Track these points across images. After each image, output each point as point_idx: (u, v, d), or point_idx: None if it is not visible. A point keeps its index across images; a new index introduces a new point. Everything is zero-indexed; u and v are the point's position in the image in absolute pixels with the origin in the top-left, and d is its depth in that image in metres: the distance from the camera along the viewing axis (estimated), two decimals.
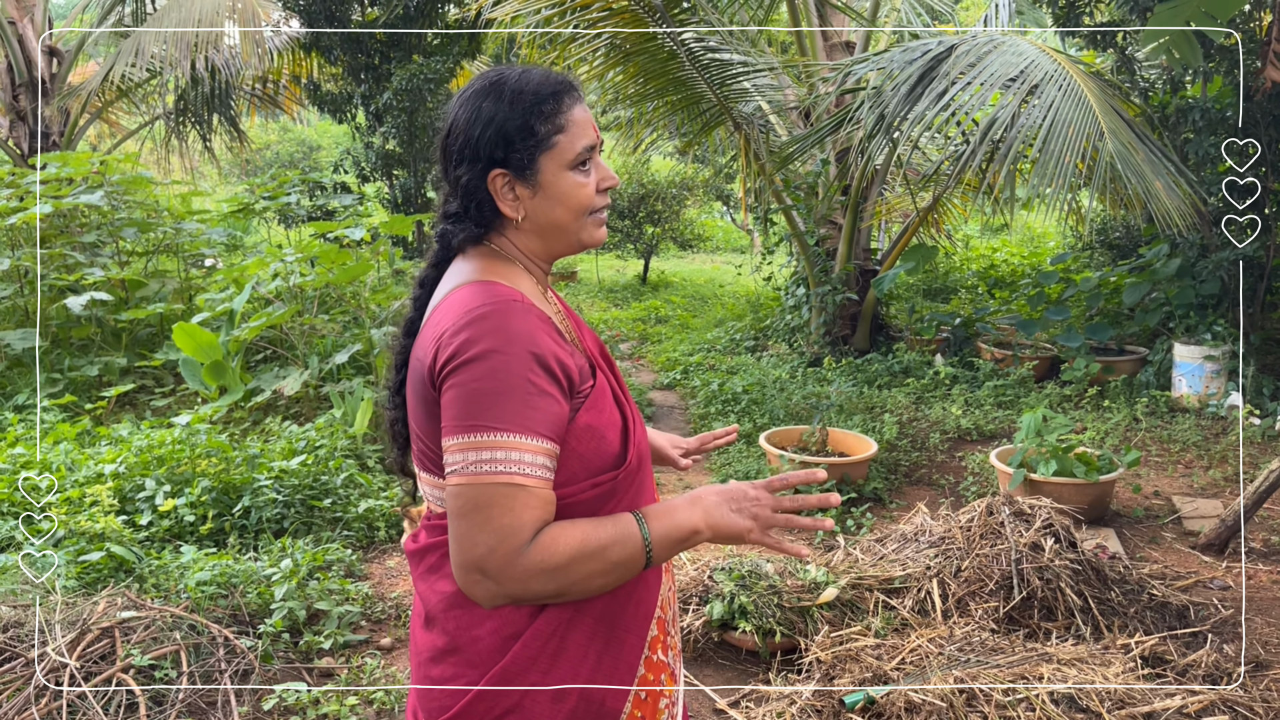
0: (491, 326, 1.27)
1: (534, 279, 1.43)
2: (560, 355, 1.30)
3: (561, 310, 1.47)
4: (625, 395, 1.48)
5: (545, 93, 1.37)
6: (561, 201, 1.38)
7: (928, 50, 5.08)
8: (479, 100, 1.39)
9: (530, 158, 1.36)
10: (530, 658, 1.33)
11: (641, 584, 1.42)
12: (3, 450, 4.96)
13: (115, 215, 7.97)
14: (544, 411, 1.26)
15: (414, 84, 9.88)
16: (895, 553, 3.72)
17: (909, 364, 7.10)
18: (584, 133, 1.38)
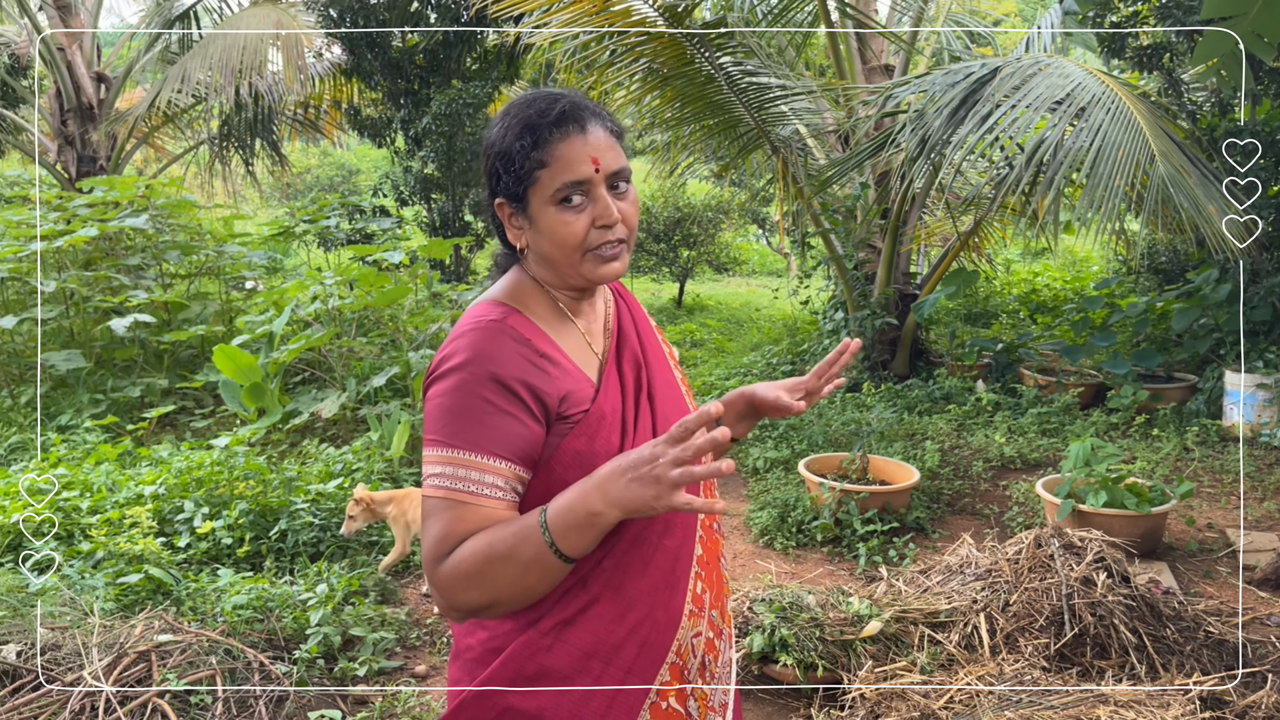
0: (464, 345, 1.31)
1: (551, 302, 1.42)
2: (530, 379, 1.30)
3: (585, 338, 1.44)
4: (652, 427, 1.42)
5: (529, 125, 1.34)
6: (548, 237, 1.35)
7: (971, 73, 5.01)
8: (493, 125, 1.40)
9: (519, 190, 1.35)
10: (509, 676, 1.34)
11: (649, 623, 1.37)
12: (45, 470, 5.01)
13: (159, 238, 8.10)
14: (499, 431, 1.27)
15: (453, 109, 9.97)
16: (940, 585, 3.62)
17: (950, 390, 6.98)
18: (568, 168, 1.32)
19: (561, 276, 1.41)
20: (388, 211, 11.30)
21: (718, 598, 1.49)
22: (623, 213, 1.36)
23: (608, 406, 1.37)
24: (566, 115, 1.34)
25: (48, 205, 8.48)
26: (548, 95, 1.37)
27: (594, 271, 1.37)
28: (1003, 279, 11.62)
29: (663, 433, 1.37)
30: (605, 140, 1.36)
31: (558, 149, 1.33)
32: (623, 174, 1.37)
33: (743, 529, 4.94)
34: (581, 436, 1.33)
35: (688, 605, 1.42)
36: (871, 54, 7.66)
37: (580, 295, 1.45)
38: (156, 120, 11.39)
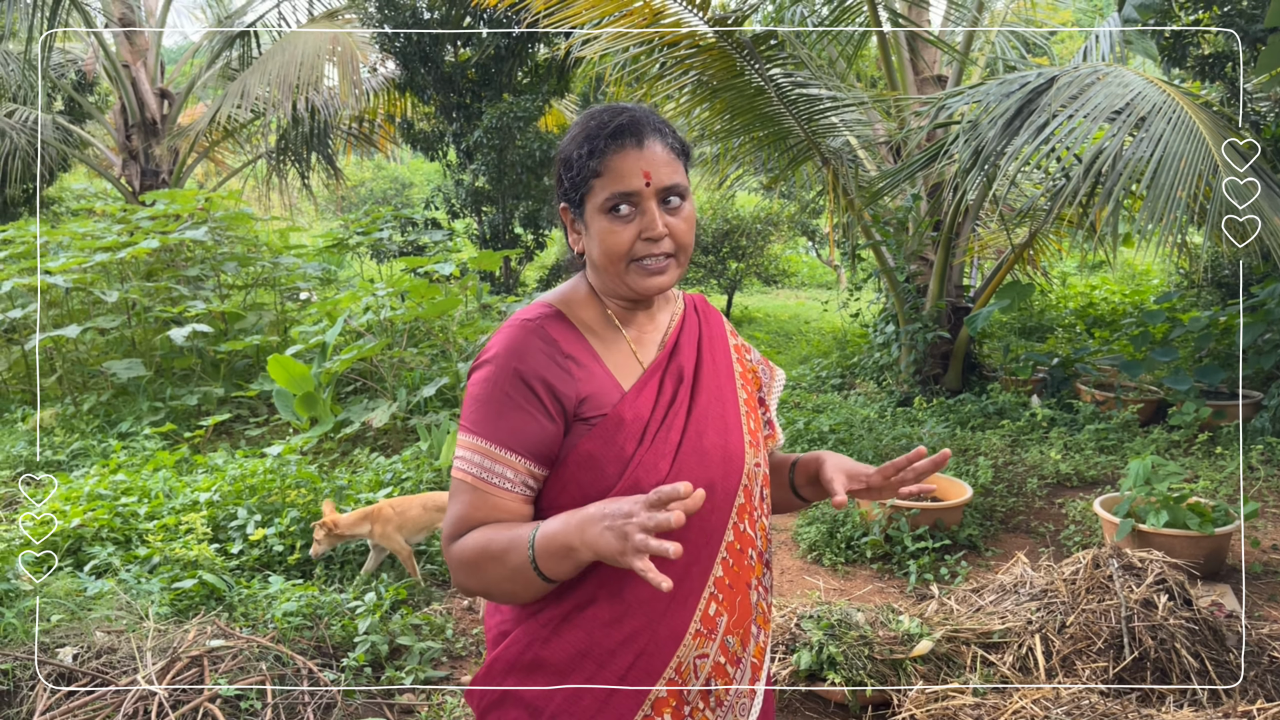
0: (497, 341, 1.40)
1: (601, 309, 1.46)
2: (549, 377, 1.35)
3: (631, 347, 1.46)
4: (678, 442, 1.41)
5: (589, 135, 1.39)
6: (598, 244, 1.39)
7: (1026, 82, 4.93)
8: (567, 133, 1.45)
9: (577, 197, 1.41)
10: (509, 661, 1.41)
11: (647, 633, 1.38)
12: (105, 477, 5.13)
13: (218, 250, 8.27)
14: (514, 425, 1.33)
15: (503, 122, 10.06)
16: (993, 605, 3.54)
17: (1004, 405, 6.85)
18: (619, 180, 1.36)
19: (609, 284, 1.44)
20: (439, 224, 11.43)
21: (739, 625, 1.46)
22: (672, 228, 1.38)
23: (629, 414, 1.39)
24: (624, 128, 1.38)
25: (112, 218, 8.72)
26: (614, 108, 1.41)
27: (638, 283, 1.40)
28: (1059, 292, 11.40)
29: (688, 448, 1.41)
30: (663, 156, 1.38)
31: (612, 160, 1.37)
32: (676, 189, 1.39)
33: (790, 544, 4.88)
34: (596, 439, 1.36)
35: (695, 624, 1.40)
36: (924, 65, 7.58)
37: (633, 305, 1.47)
38: (217, 135, 11.67)
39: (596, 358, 1.42)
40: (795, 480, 1.63)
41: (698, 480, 1.40)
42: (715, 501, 1.43)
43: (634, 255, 1.38)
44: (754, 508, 1.50)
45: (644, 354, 1.47)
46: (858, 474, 1.52)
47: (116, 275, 7.92)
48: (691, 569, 1.41)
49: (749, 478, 1.48)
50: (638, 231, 1.37)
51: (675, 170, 1.39)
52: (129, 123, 10.67)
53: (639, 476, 1.36)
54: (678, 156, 1.41)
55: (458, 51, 10.91)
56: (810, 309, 13.82)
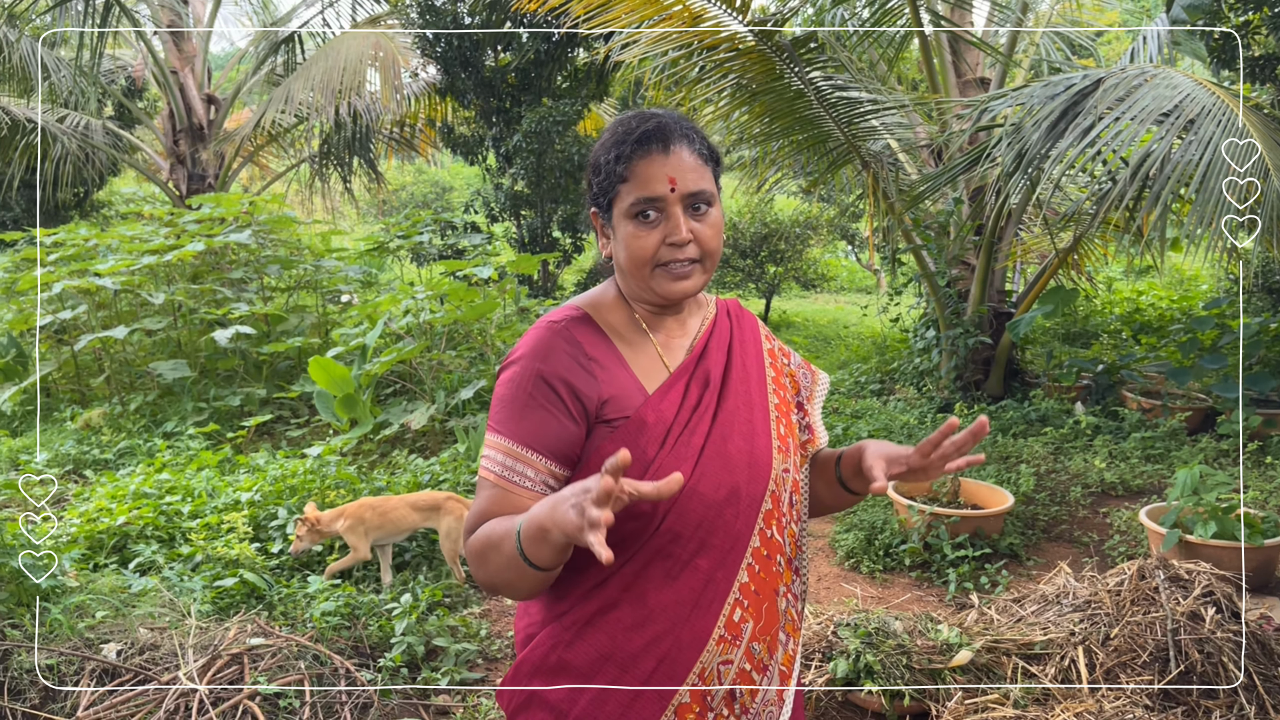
0: (523, 342, 1.42)
1: (629, 313, 1.47)
2: (571, 378, 1.36)
3: (658, 351, 1.46)
4: (700, 446, 1.40)
5: (617, 140, 1.40)
6: (624, 249, 1.41)
7: (1072, 84, 4.85)
8: (598, 140, 1.47)
9: (606, 202, 1.42)
10: (534, 663, 1.42)
11: (670, 638, 1.38)
12: (150, 475, 5.21)
13: (261, 253, 8.39)
14: (535, 424, 1.35)
15: (542, 126, 10.10)
16: (1035, 615, 3.48)
17: (1046, 412, 6.75)
18: (644, 185, 1.37)
19: (635, 289, 1.46)
20: (478, 228, 11.50)
21: (766, 632, 1.45)
22: (697, 233, 1.39)
23: (651, 417, 1.39)
24: (650, 134, 1.39)
25: (159, 221, 8.88)
26: (643, 114, 1.43)
27: (663, 287, 1.41)
28: (1104, 297, 11.21)
29: (711, 452, 1.41)
30: (689, 162, 1.39)
31: (638, 165, 1.38)
32: (703, 196, 1.40)
33: (828, 551, 4.84)
34: (617, 442, 1.37)
35: (719, 630, 1.40)
36: (966, 67, 7.49)
37: (661, 310, 1.48)
38: (261, 139, 11.85)
39: (621, 361, 1.43)
40: (842, 474, 1.60)
41: (721, 485, 1.40)
42: (740, 507, 1.42)
43: (659, 260, 1.39)
44: (782, 514, 1.49)
45: (671, 359, 1.47)
46: (897, 457, 1.47)
47: (163, 277, 8.06)
48: (715, 574, 1.40)
49: (777, 483, 1.47)
50: (663, 236, 1.38)
51: (702, 176, 1.40)
52: (176, 128, 10.86)
53: (659, 480, 1.35)
54: (705, 163, 1.42)
55: (498, 56, 10.98)
56: (849, 313, 13.72)
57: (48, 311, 7.63)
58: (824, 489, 1.65)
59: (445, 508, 4.14)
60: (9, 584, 3.50)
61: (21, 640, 3.26)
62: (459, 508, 4.13)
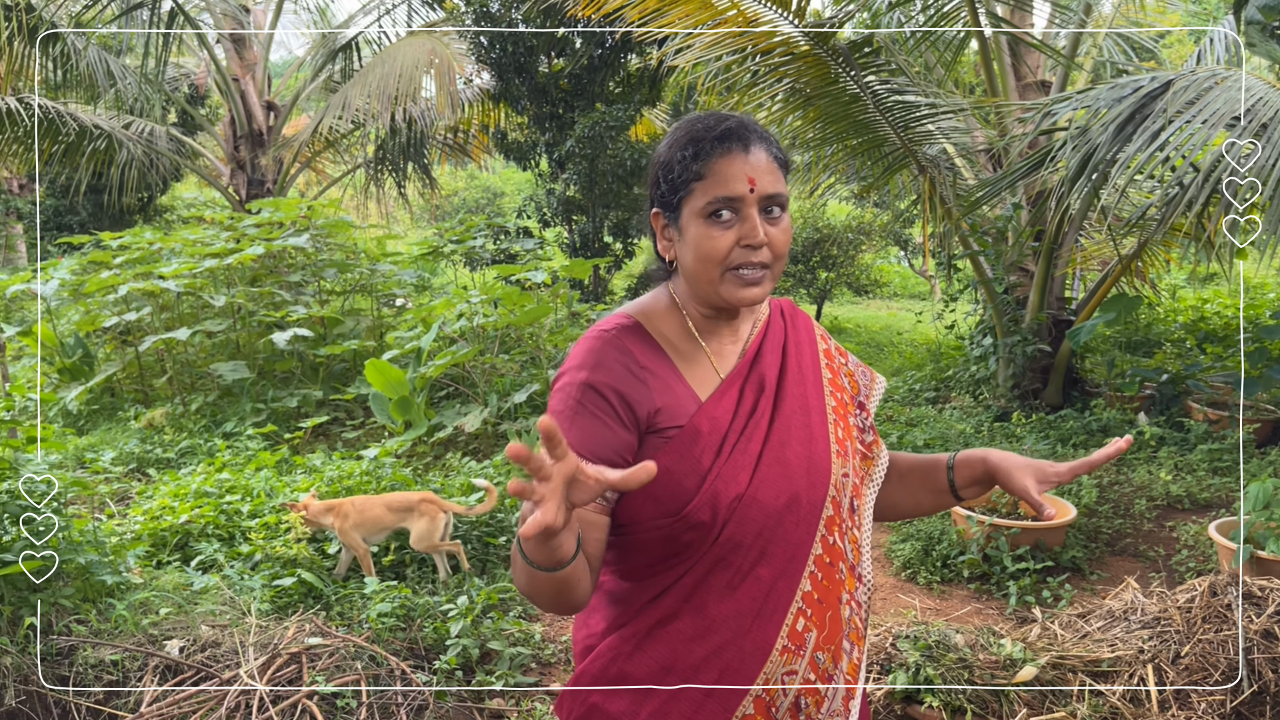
0: (574, 353, 1.39)
1: (682, 321, 1.44)
2: (622, 387, 1.34)
3: (711, 359, 1.43)
4: (758, 453, 1.37)
5: (693, 137, 1.37)
6: (693, 250, 1.37)
7: (1139, 86, 4.74)
8: (664, 139, 1.44)
9: (675, 201, 1.38)
10: (594, 675, 1.40)
11: (733, 649, 1.35)
12: (211, 475, 5.31)
13: (318, 257, 8.52)
14: (586, 433, 1.31)
15: (595, 132, 10.13)
16: (1101, 631, 3.39)
17: (1108, 422, 6.59)
18: (723, 183, 1.34)
19: (700, 292, 1.41)
20: (531, 232, 11.56)
21: (830, 640, 1.42)
22: (771, 237, 1.36)
23: (705, 426, 1.36)
24: (731, 132, 1.37)
25: (220, 225, 9.06)
26: (719, 114, 1.41)
27: (732, 292, 1.37)
28: (1167, 305, 10.94)
29: (770, 459, 1.37)
30: (766, 164, 1.37)
31: (716, 163, 1.35)
32: (778, 199, 1.37)
33: (884, 560, 4.77)
34: (672, 453, 1.34)
35: (782, 640, 1.37)
36: (1026, 70, 7.37)
37: (716, 316, 1.45)
38: (319, 145, 12.03)
39: (673, 369, 1.40)
40: (956, 482, 1.57)
41: (780, 492, 1.37)
42: (800, 514, 1.39)
43: (731, 263, 1.35)
44: (843, 519, 1.45)
45: (724, 366, 1.44)
46: (1047, 476, 1.46)
47: (224, 280, 8.22)
48: (777, 583, 1.37)
49: (837, 488, 1.44)
50: (737, 238, 1.34)
51: (778, 179, 1.37)
52: (237, 134, 11.08)
53: (717, 489, 1.33)
54: (780, 167, 1.39)
55: (551, 62, 11.04)
56: (903, 320, 13.55)
57: (114, 313, 7.82)
58: (926, 496, 1.61)
59: (419, 509, 4.18)
60: (76, 579, 3.58)
61: (87, 635, 3.33)
62: (432, 509, 4.17)
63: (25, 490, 3.50)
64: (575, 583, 1.23)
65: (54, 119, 9.17)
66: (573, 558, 1.18)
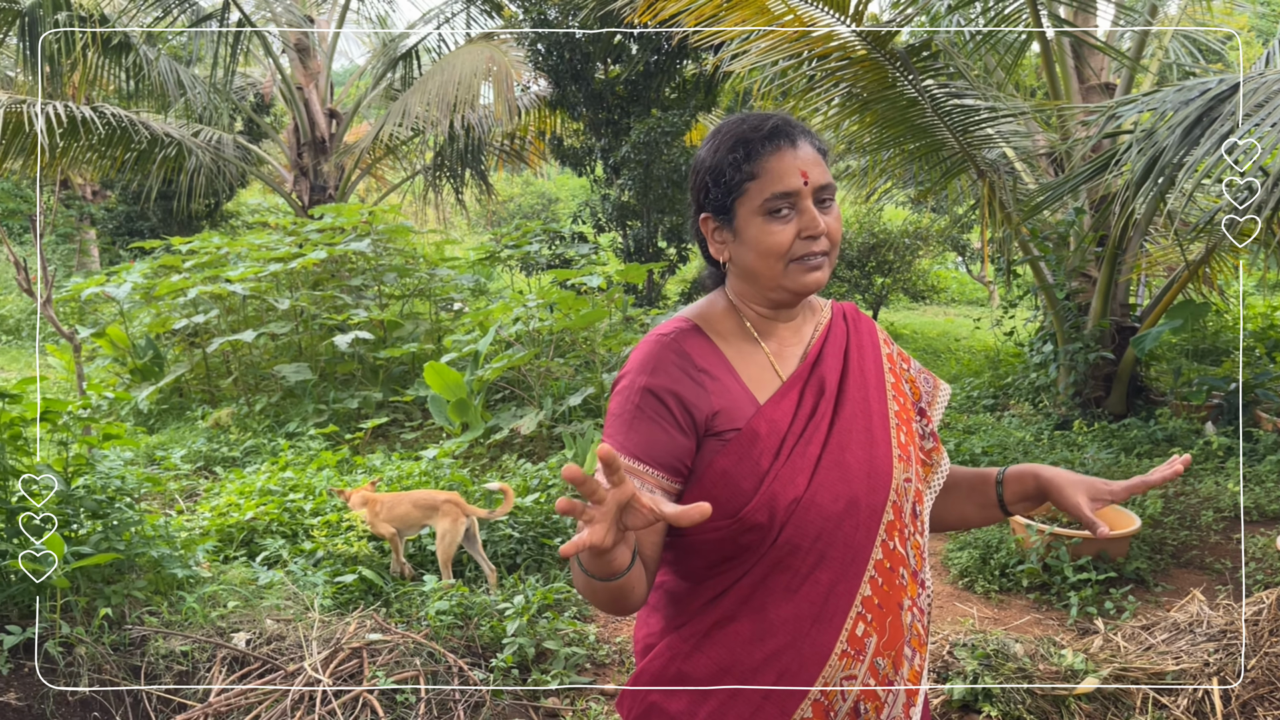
0: (633, 357, 1.42)
1: (739, 322, 1.46)
2: (680, 390, 1.36)
3: (770, 360, 1.45)
4: (817, 456, 1.38)
5: (741, 139, 1.39)
6: (753, 247, 1.39)
7: (1207, 89, 4.63)
8: (704, 144, 1.46)
9: (727, 203, 1.40)
10: (653, 674, 1.43)
11: (791, 652, 1.36)
12: (275, 473, 5.44)
13: (378, 261, 8.68)
14: (645, 436, 1.34)
15: (651, 137, 10.18)
16: (1165, 644, 3.32)
17: (1174, 431, 6.44)
18: (778, 180, 1.37)
19: (760, 289, 1.44)
20: (586, 238, 11.65)
21: (890, 646, 1.42)
22: (827, 226, 1.39)
23: (764, 428, 1.37)
24: (778, 130, 1.39)
25: (284, 230, 9.28)
26: (759, 114, 1.43)
27: (796, 281, 1.40)
28: (1236, 312, 10.65)
29: (828, 462, 1.38)
30: (813, 156, 1.40)
31: (768, 162, 1.38)
32: (829, 189, 1.41)
33: (941, 568, 4.73)
34: (730, 455, 1.36)
35: (841, 644, 1.38)
36: (1090, 72, 7.24)
37: (776, 314, 1.47)
38: (379, 152, 12.26)
39: (732, 371, 1.42)
40: (1006, 497, 1.58)
41: (839, 496, 1.38)
42: (859, 518, 1.39)
43: (793, 255, 1.38)
44: (905, 525, 1.45)
45: (784, 367, 1.45)
46: (1100, 494, 1.46)
47: (287, 284, 8.41)
48: (836, 587, 1.38)
49: (898, 493, 1.44)
50: (797, 230, 1.37)
51: (825, 170, 1.41)
52: (300, 141, 11.34)
53: (775, 491, 1.34)
54: (824, 157, 1.43)
55: (608, 69, 11.12)
56: (960, 326, 13.37)
57: (183, 315, 8.05)
58: (974, 510, 1.62)
59: (442, 509, 4.24)
60: (148, 573, 3.70)
61: (159, 626, 3.44)
62: (455, 510, 4.22)
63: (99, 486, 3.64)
64: (630, 590, 1.27)
65: (126, 127, 9.47)
66: (627, 569, 1.22)
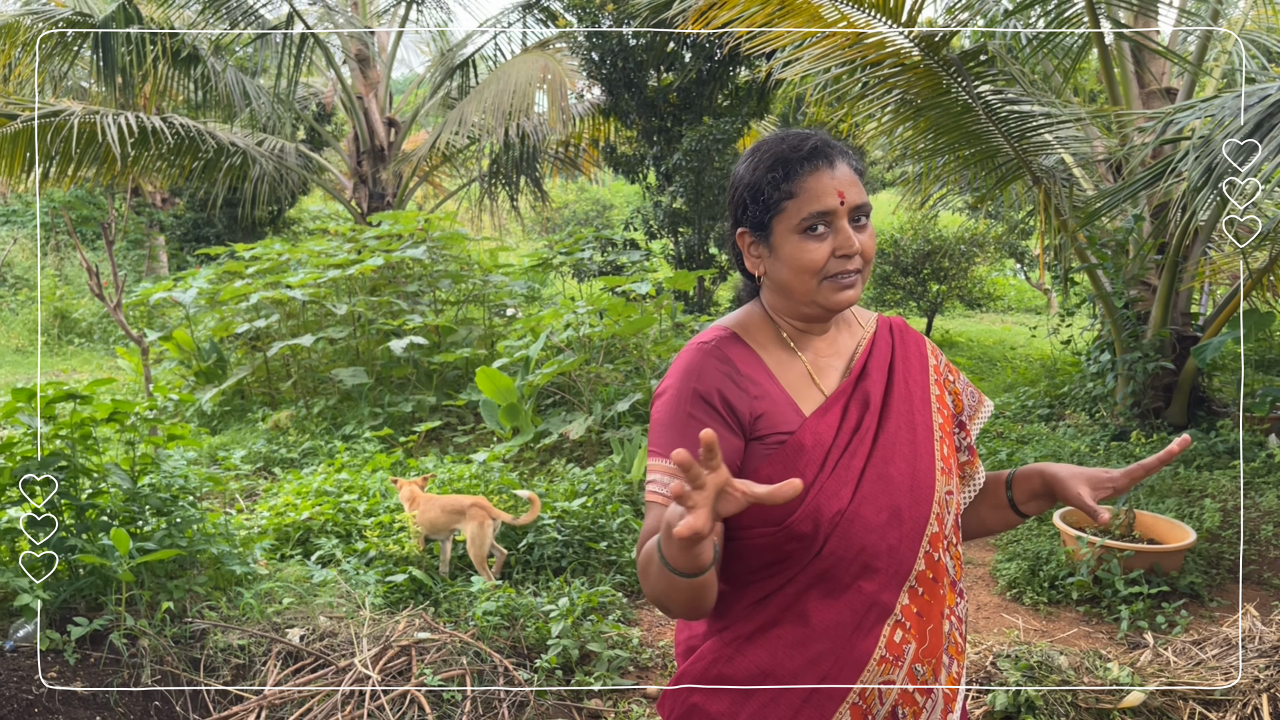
0: (675, 367, 1.45)
1: (776, 332, 1.50)
2: (725, 391, 1.40)
3: (808, 370, 1.48)
4: (861, 469, 1.40)
5: (780, 158, 1.43)
6: (788, 264, 1.43)
7: (1267, 95, 4.54)
8: (742, 161, 1.50)
9: (764, 220, 1.44)
10: (695, 675, 1.45)
11: (832, 658, 1.38)
12: (331, 475, 5.58)
13: (434, 268, 8.84)
14: (691, 439, 1.36)
15: (703, 145, 10.21)
16: (1216, 659, 3.26)
17: (1235, 444, 6.28)
18: (815, 199, 1.40)
19: (794, 304, 1.47)
20: (637, 244, 11.71)
21: (930, 654, 1.44)
22: (861, 245, 1.43)
23: (809, 440, 1.40)
24: (817, 150, 1.43)
25: (343, 237, 9.49)
26: (799, 133, 1.47)
27: (829, 298, 1.43)
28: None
29: (872, 475, 1.41)
30: (850, 176, 1.43)
31: (806, 181, 1.42)
32: (864, 209, 1.44)
33: (988, 580, 4.68)
34: (776, 464, 1.39)
35: (880, 651, 1.40)
36: (1151, 77, 7.11)
37: (809, 326, 1.50)
38: (436, 160, 12.46)
39: (772, 378, 1.46)
40: (1014, 497, 1.61)
41: (882, 508, 1.40)
42: (903, 530, 1.42)
43: (827, 272, 1.42)
44: (947, 535, 1.48)
45: (822, 377, 1.49)
46: (1101, 483, 1.49)
47: (345, 290, 8.61)
48: (880, 596, 1.41)
49: (940, 505, 1.46)
50: (832, 249, 1.41)
51: (861, 190, 1.44)
52: (360, 150, 11.58)
53: (820, 503, 1.37)
54: (860, 177, 1.46)
55: (661, 76, 11.18)
56: (1017, 334, 13.17)
57: (245, 320, 8.28)
58: (988, 512, 1.65)
59: (469, 514, 4.33)
60: (208, 569, 3.83)
61: (218, 621, 3.56)
62: (481, 514, 4.30)
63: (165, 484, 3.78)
64: (709, 588, 1.28)
65: (194, 137, 9.76)
66: (711, 564, 1.24)
